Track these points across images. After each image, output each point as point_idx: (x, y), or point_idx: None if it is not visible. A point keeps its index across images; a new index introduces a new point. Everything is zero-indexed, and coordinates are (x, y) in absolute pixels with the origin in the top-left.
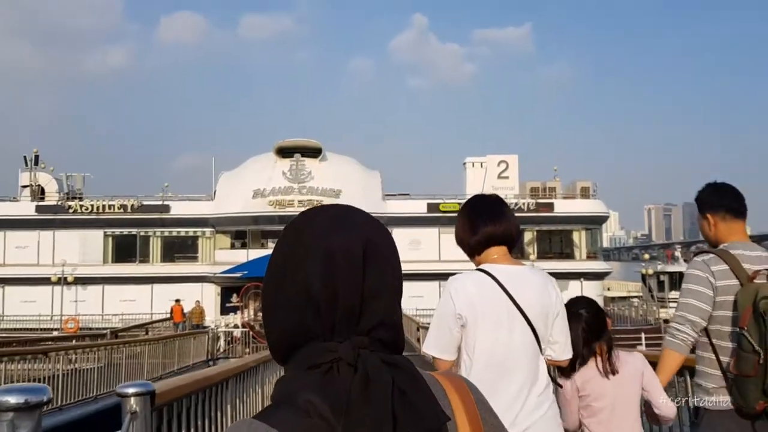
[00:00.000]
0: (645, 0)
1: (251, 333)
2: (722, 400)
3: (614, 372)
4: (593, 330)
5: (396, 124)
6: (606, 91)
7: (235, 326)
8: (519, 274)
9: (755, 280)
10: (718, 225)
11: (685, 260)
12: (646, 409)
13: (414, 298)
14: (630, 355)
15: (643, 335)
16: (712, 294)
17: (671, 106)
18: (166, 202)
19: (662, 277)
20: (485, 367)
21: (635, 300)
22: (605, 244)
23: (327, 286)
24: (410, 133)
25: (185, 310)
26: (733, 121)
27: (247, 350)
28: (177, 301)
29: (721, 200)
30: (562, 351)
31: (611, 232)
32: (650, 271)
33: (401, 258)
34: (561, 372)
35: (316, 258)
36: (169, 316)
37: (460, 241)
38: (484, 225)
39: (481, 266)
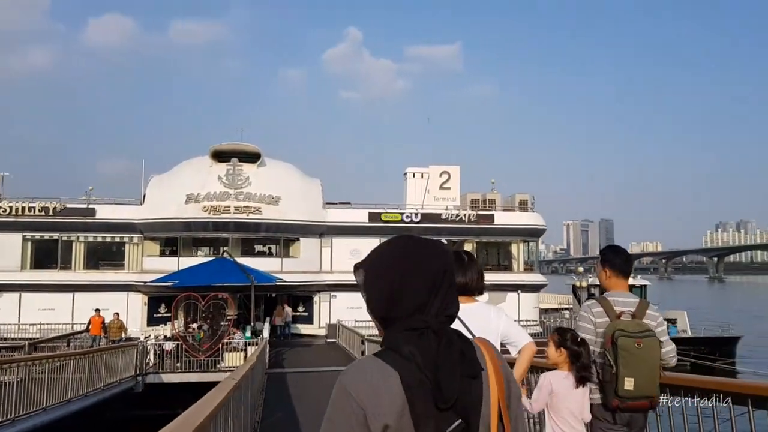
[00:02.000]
0: (565, 21)
1: (184, 346)
2: (596, 397)
3: (584, 385)
4: (579, 360)
5: (331, 136)
6: (530, 110)
7: (165, 338)
8: (471, 307)
9: (621, 318)
10: (610, 278)
11: (642, 269)
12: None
13: (353, 310)
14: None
15: None
16: (592, 327)
17: (588, 126)
18: (91, 206)
19: (593, 290)
20: None
21: (566, 312)
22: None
23: (439, 285)
24: (348, 144)
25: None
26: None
27: (178, 364)
28: (97, 311)
29: (615, 262)
30: (520, 341)
31: None
32: (583, 284)
33: (341, 268)
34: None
35: (437, 264)
36: (87, 327)
37: None
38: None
39: None
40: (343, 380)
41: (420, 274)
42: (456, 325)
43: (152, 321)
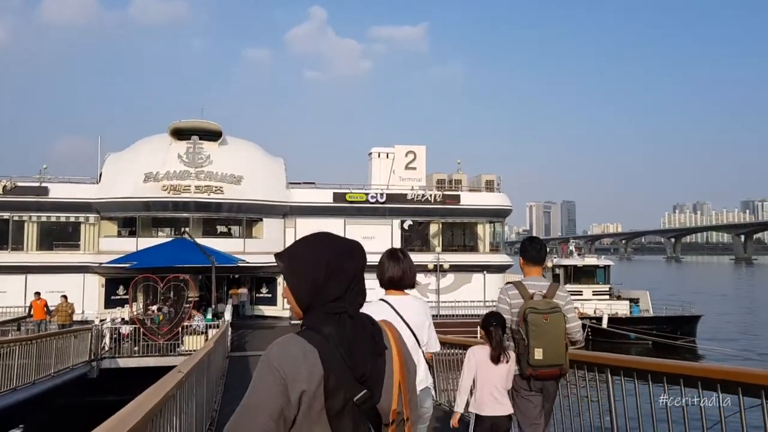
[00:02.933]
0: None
1: (142, 329)
2: (515, 369)
3: (507, 362)
4: (500, 343)
5: (295, 116)
6: (494, 92)
7: (123, 321)
8: (405, 301)
9: (533, 298)
10: (525, 266)
11: (578, 254)
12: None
13: None
14: (511, 354)
15: None
16: (507, 307)
17: (552, 108)
18: (44, 184)
19: (557, 270)
20: None
21: None
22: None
23: (353, 282)
24: (312, 125)
25: (50, 307)
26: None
27: (136, 348)
28: (37, 294)
29: (530, 253)
30: (431, 346)
31: None
32: (548, 264)
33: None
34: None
35: (358, 262)
36: (28, 312)
37: (380, 279)
38: (390, 272)
39: (382, 297)
40: (268, 355)
41: (341, 271)
42: (392, 315)
43: (110, 303)
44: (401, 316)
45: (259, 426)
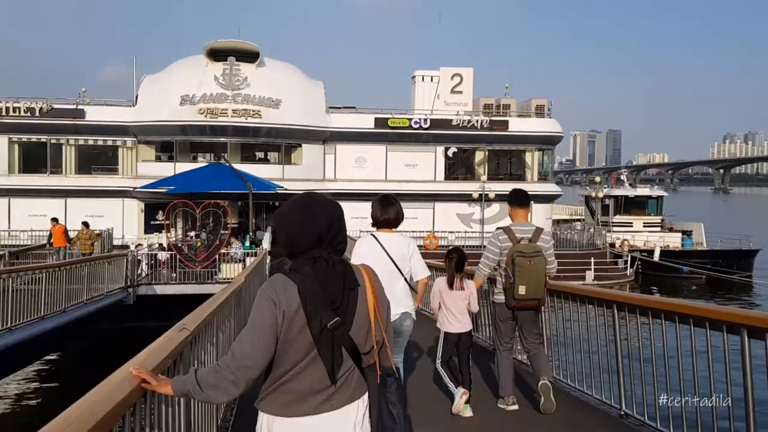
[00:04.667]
0: None
1: (178, 256)
2: (500, 298)
3: (462, 289)
4: (458, 266)
5: (335, 44)
6: (541, 16)
7: (161, 247)
8: (391, 237)
9: (520, 243)
10: (512, 211)
11: (630, 184)
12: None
13: (357, 220)
14: (469, 282)
15: (592, 260)
16: (498, 250)
17: (597, 34)
18: (80, 107)
19: (606, 201)
20: None
21: (577, 223)
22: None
23: (326, 231)
24: (353, 51)
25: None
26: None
27: (174, 275)
28: (55, 220)
29: (517, 200)
30: (417, 274)
31: None
32: (600, 195)
33: (345, 176)
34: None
35: (323, 218)
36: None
37: (373, 218)
38: (383, 214)
39: (372, 233)
40: (262, 288)
41: (312, 226)
42: (377, 247)
43: (150, 228)
44: (385, 249)
45: (261, 340)
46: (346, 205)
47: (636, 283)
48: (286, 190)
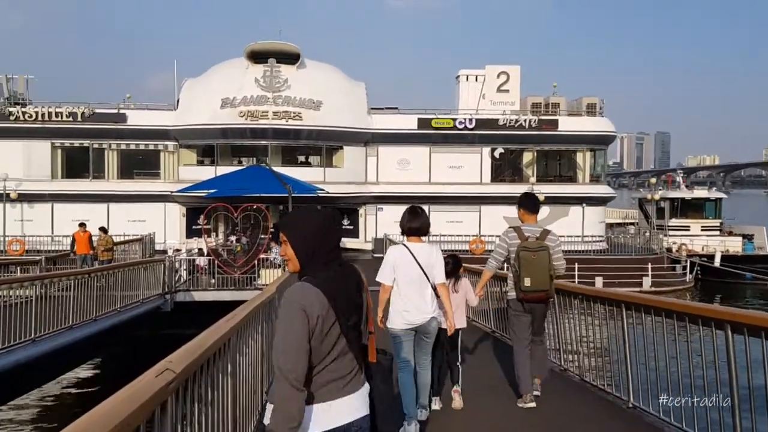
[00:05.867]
0: None
1: (217, 262)
2: (511, 294)
3: (456, 291)
4: (453, 272)
5: (377, 46)
6: (587, 17)
7: (200, 252)
8: (420, 246)
9: (527, 240)
10: (522, 215)
11: (686, 186)
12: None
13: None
14: (465, 280)
15: (649, 266)
16: (506, 245)
17: (645, 35)
18: (122, 111)
19: (662, 204)
20: (403, 284)
21: (631, 227)
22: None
23: (338, 240)
24: (395, 51)
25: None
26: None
27: (213, 281)
28: (82, 226)
29: (527, 205)
30: (436, 279)
31: None
32: (656, 197)
33: (388, 179)
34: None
35: (336, 228)
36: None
37: (401, 227)
38: (409, 223)
39: (403, 242)
40: (287, 297)
41: (328, 241)
42: (408, 255)
43: (192, 233)
44: (415, 257)
45: (300, 350)
46: (388, 209)
47: (695, 290)
48: (328, 193)
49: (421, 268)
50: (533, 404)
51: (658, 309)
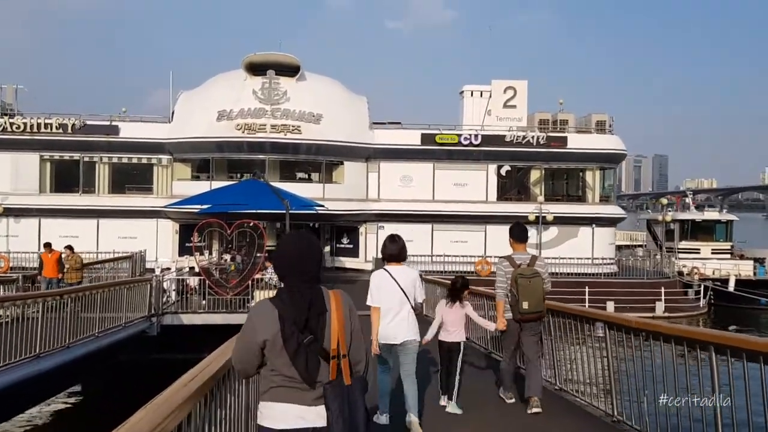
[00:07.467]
0: None
1: (208, 282)
2: (508, 315)
3: (462, 306)
4: (455, 295)
5: (377, 63)
6: (582, 39)
7: (192, 271)
8: (400, 269)
9: (520, 267)
10: (512, 244)
11: (696, 207)
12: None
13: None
14: (466, 303)
15: (662, 290)
16: (504, 275)
17: (643, 58)
18: (114, 123)
19: (672, 226)
20: (385, 305)
21: (639, 249)
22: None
23: (296, 264)
24: (396, 70)
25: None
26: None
27: (204, 302)
28: (47, 246)
29: (516, 235)
30: (417, 298)
31: None
32: (668, 218)
33: (390, 196)
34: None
35: (311, 257)
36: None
37: (382, 254)
38: (388, 250)
39: (384, 267)
40: (250, 311)
41: (301, 268)
42: (389, 279)
43: (184, 250)
44: (395, 280)
45: (246, 349)
46: (390, 227)
47: (708, 317)
48: (327, 210)
49: (402, 289)
50: (513, 400)
51: (637, 330)
